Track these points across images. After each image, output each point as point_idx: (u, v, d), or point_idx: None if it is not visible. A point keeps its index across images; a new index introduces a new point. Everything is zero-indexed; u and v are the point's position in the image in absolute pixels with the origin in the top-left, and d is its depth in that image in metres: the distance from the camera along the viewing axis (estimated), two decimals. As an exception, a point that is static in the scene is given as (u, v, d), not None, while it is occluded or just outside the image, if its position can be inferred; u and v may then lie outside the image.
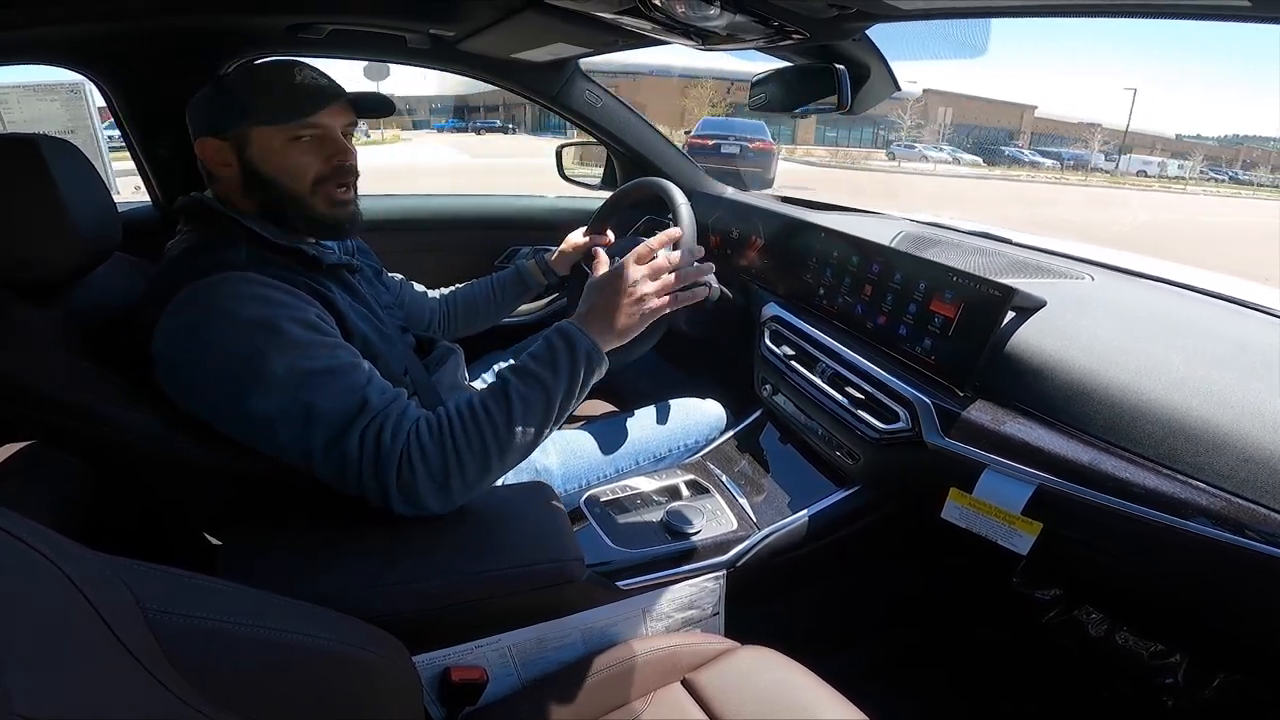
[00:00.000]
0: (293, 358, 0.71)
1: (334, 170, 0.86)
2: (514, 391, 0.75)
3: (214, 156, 0.82)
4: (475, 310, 1.36)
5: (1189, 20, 0.72)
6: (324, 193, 0.86)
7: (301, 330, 0.74)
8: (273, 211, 0.85)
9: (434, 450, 0.72)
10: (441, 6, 1.16)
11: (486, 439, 0.74)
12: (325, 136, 0.84)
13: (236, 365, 0.71)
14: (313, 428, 0.71)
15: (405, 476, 0.71)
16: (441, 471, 0.72)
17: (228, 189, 0.84)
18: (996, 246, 1.14)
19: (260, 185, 0.83)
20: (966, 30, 0.99)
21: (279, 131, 0.81)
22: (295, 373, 0.71)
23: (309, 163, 0.84)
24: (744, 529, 1.02)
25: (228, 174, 0.83)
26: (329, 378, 0.72)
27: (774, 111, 1.31)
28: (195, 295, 0.73)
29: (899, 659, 1.21)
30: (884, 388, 0.95)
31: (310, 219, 0.86)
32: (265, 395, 0.70)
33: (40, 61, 1.16)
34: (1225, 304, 0.89)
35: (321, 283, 0.84)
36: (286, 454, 0.73)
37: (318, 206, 0.86)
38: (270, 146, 0.82)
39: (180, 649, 0.40)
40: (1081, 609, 1.21)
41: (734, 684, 0.78)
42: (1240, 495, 0.63)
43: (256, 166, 0.82)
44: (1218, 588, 0.71)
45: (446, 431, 0.73)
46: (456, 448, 0.73)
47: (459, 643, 0.78)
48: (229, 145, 0.81)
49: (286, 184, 0.83)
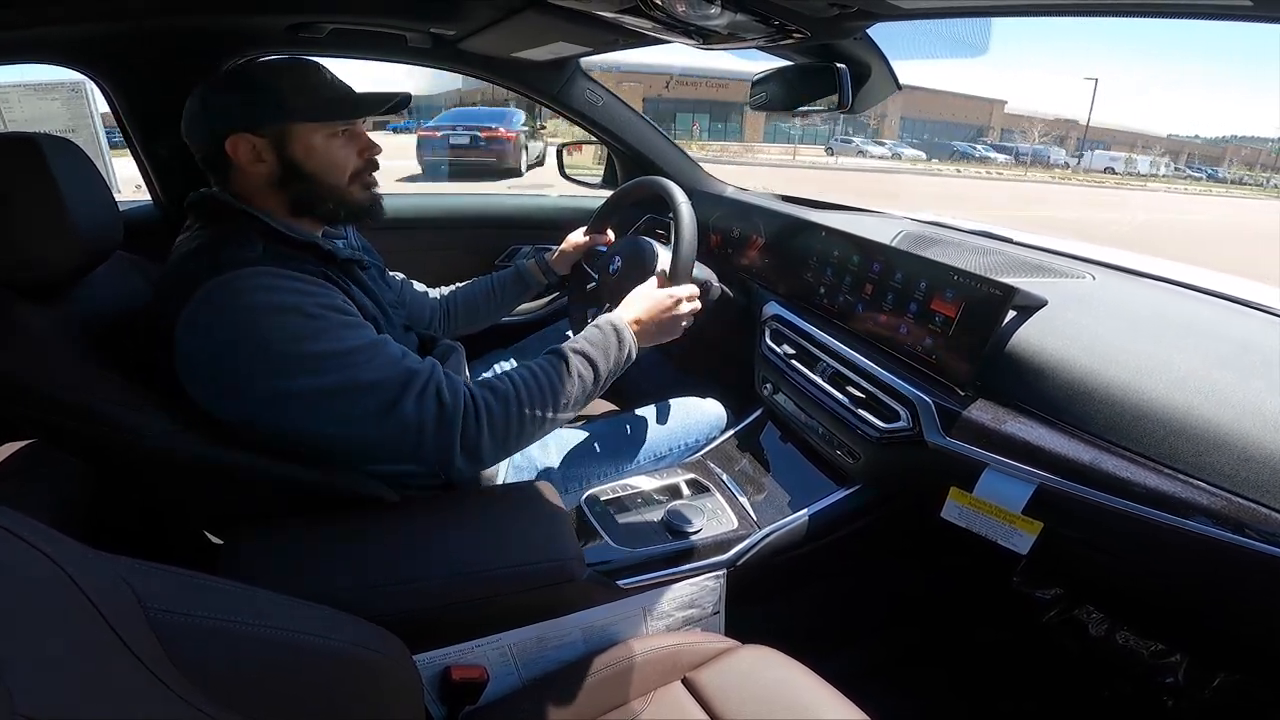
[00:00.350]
0: (330, 339, 0.74)
1: (367, 164, 0.91)
2: (574, 369, 0.88)
3: (247, 153, 0.82)
4: (475, 309, 1.36)
5: (1190, 20, 0.72)
6: (360, 183, 0.91)
7: (333, 314, 0.77)
8: (305, 204, 0.87)
9: (499, 410, 0.81)
10: (442, 6, 1.16)
11: (547, 404, 0.84)
12: (356, 133, 0.90)
13: (275, 353, 0.72)
14: (365, 399, 0.75)
15: (471, 432, 0.79)
16: (504, 429, 0.81)
17: (253, 184, 0.84)
18: (997, 246, 1.14)
19: (299, 180, 0.85)
20: (967, 29, 0.99)
21: (319, 129, 0.84)
22: (337, 352, 0.74)
23: (347, 157, 0.88)
24: (744, 528, 1.02)
25: (260, 170, 0.83)
26: (371, 351, 0.77)
27: (775, 110, 1.31)
28: (219, 291, 0.73)
29: (899, 658, 1.21)
30: (885, 387, 0.95)
31: (348, 206, 0.90)
32: (311, 375, 0.73)
33: (41, 61, 1.16)
34: (1227, 303, 0.89)
35: (337, 275, 0.85)
36: (335, 431, 0.76)
37: (356, 194, 0.90)
38: (312, 143, 0.84)
39: (182, 648, 0.40)
40: (1082, 608, 1.21)
41: (734, 683, 0.78)
42: (1241, 495, 0.63)
43: (299, 162, 0.84)
44: (1218, 587, 0.71)
45: (512, 395, 0.83)
46: (521, 409, 0.82)
47: (460, 642, 0.78)
48: (267, 142, 0.82)
49: (327, 178, 0.87)
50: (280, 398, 0.73)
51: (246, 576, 0.58)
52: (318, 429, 0.76)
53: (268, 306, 0.73)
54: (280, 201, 0.86)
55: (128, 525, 0.90)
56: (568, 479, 1.10)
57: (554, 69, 1.56)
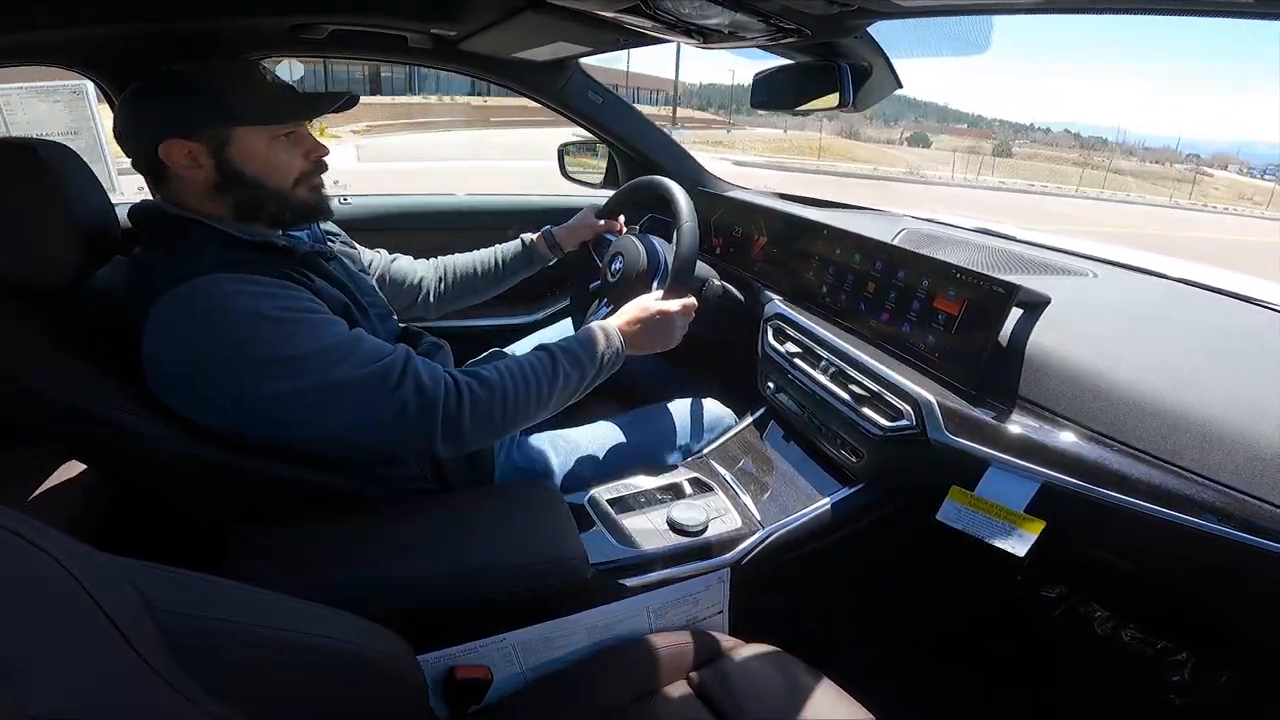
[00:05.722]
0: (299, 341, 0.73)
1: (314, 165, 0.89)
2: (560, 366, 0.89)
3: (182, 159, 0.79)
4: (473, 279, 1.33)
5: (1188, 16, 0.72)
6: (306, 185, 0.88)
7: (299, 314, 0.75)
8: (249, 210, 0.84)
9: (484, 395, 0.82)
10: (443, 6, 1.16)
11: (530, 396, 0.86)
12: (302, 134, 0.87)
13: (242, 359, 0.71)
14: (341, 396, 0.74)
15: (452, 415, 0.79)
16: (486, 413, 0.82)
17: (192, 191, 0.81)
18: (1000, 243, 1.14)
19: (240, 185, 0.82)
20: (968, 27, 0.98)
21: (262, 132, 0.82)
22: (306, 354, 0.73)
23: (291, 160, 0.86)
24: (748, 527, 1.02)
25: (196, 176, 0.80)
26: (345, 349, 0.76)
27: (776, 109, 1.31)
28: (177, 301, 0.72)
29: (904, 657, 1.21)
30: (888, 385, 0.95)
31: (294, 209, 0.88)
32: (281, 379, 0.72)
33: (42, 63, 1.16)
34: (1231, 300, 0.89)
35: (299, 272, 0.83)
36: (316, 432, 0.76)
37: (300, 195, 0.88)
38: (253, 147, 0.82)
39: (189, 649, 0.40)
40: (1087, 607, 1.21)
41: (739, 682, 0.78)
42: (1249, 493, 0.63)
43: (238, 167, 0.81)
44: (1225, 585, 0.71)
45: (497, 382, 0.84)
46: (504, 397, 0.84)
47: (464, 641, 0.79)
48: (204, 147, 0.79)
49: (270, 182, 0.84)
50: (251, 403, 0.73)
51: (251, 577, 0.58)
52: (296, 431, 0.76)
53: (230, 311, 0.72)
54: (224, 206, 0.83)
55: (132, 526, 0.90)
56: (571, 479, 1.10)
57: (555, 69, 1.56)
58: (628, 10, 0.90)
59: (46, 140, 0.75)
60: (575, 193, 1.96)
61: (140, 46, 1.17)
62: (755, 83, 1.30)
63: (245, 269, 0.76)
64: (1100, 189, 30.34)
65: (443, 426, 0.79)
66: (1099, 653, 1.16)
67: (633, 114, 1.71)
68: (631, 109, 1.72)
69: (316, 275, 0.86)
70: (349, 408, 0.75)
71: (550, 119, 1.88)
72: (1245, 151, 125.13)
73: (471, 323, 1.74)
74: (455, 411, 0.80)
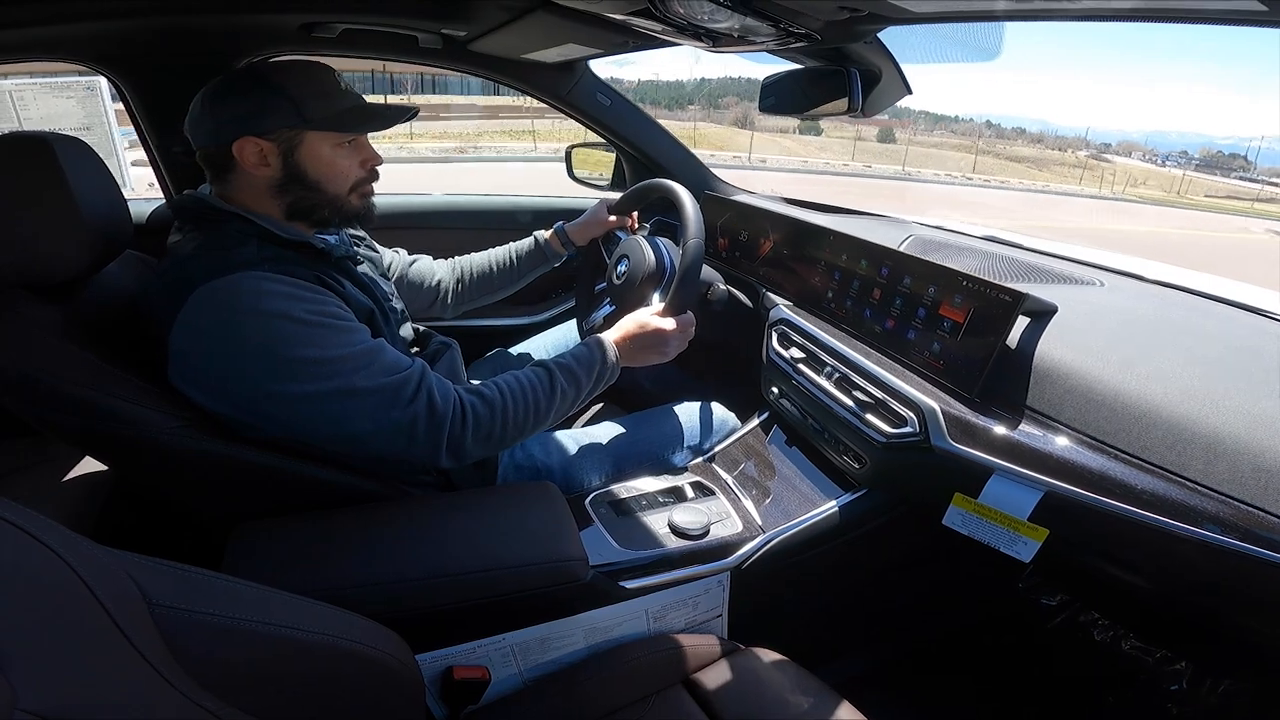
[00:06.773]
0: (325, 345, 0.75)
1: (369, 174, 0.92)
2: (558, 384, 0.92)
3: (254, 156, 0.81)
4: (490, 278, 1.35)
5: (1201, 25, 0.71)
6: (359, 192, 0.92)
7: (327, 319, 0.77)
8: (301, 211, 0.87)
9: (485, 415, 0.85)
10: (453, 7, 1.16)
11: (528, 413, 0.89)
12: (362, 142, 0.90)
13: (269, 357, 0.73)
14: (359, 403, 0.77)
15: (456, 434, 0.82)
16: (487, 432, 0.85)
17: (253, 188, 0.84)
18: (1007, 251, 1.14)
19: (300, 187, 0.85)
20: (979, 34, 0.98)
21: (330, 137, 0.85)
22: (331, 359, 0.75)
23: (350, 168, 0.89)
24: (749, 531, 1.02)
25: (263, 174, 0.83)
26: (366, 358, 0.78)
27: (785, 113, 1.31)
28: (214, 295, 0.73)
29: (903, 663, 1.20)
30: (892, 392, 0.95)
31: (344, 214, 0.91)
32: (304, 381, 0.74)
33: (55, 59, 1.17)
34: (1240, 311, 0.88)
35: (331, 275, 0.85)
36: (329, 432, 0.78)
37: (353, 202, 0.91)
38: (319, 152, 0.84)
39: (186, 644, 0.40)
40: (1087, 614, 1.21)
41: (736, 686, 0.78)
42: (1254, 505, 0.62)
43: (303, 169, 0.84)
44: (1227, 596, 0.70)
45: (498, 402, 0.87)
46: (505, 416, 0.87)
47: (462, 642, 0.79)
48: (275, 147, 0.82)
49: (329, 187, 0.87)
50: (272, 400, 0.75)
51: (251, 574, 0.58)
52: (310, 429, 0.78)
53: (263, 311, 0.73)
54: (276, 205, 0.85)
55: (134, 521, 0.90)
56: (572, 481, 1.10)
57: (564, 71, 1.56)
58: (638, 13, 0.90)
59: (61, 134, 0.76)
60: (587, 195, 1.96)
61: (152, 43, 1.18)
62: (764, 87, 1.30)
63: (284, 267, 0.78)
64: (989, 176, 30.52)
65: (447, 442, 0.82)
66: (1098, 661, 1.16)
67: (641, 117, 1.71)
68: (640, 113, 1.72)
69: (347, 279, 0.88)
70: (363, 415, 0.77)
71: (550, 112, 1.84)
72: (1154, 140, 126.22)
73: (477, 322, 1.74)
74: (460, 430, 0.83)
